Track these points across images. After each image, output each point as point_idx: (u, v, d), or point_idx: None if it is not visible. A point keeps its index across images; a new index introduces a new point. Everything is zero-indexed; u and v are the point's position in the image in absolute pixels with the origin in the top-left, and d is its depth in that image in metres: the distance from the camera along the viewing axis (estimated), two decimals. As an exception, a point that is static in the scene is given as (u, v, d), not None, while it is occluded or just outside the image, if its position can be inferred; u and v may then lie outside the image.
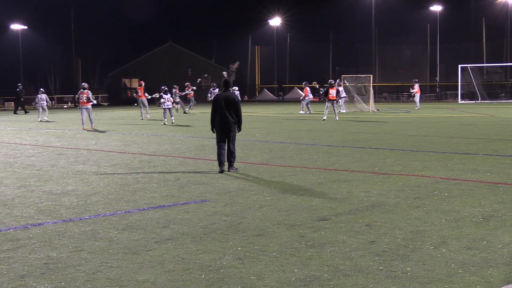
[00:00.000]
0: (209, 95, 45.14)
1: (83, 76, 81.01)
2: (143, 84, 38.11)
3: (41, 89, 39.43)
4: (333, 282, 6.21)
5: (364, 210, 9.55)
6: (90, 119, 28.85)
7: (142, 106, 37.35)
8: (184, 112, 42.88)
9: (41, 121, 35.82)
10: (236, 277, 6.39)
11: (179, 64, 79.25)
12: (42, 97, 37.37)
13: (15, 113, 48.86)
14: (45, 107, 37.62)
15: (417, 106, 46.23)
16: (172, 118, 31.90)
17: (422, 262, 6.79)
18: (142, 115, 37.31)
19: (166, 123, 31.18)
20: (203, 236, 8.08)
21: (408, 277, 6.31)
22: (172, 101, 32.39)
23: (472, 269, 6.55)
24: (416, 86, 46.59)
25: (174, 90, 42.67)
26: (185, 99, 46.38)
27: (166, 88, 32.34)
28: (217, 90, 39.85)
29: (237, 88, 40.96)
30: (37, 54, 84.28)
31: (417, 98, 46.92)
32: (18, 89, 50.41)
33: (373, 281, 6.20)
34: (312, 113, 39.25)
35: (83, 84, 29.86)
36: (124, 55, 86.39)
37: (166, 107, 31.37)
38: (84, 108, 28.91)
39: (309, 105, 40.89)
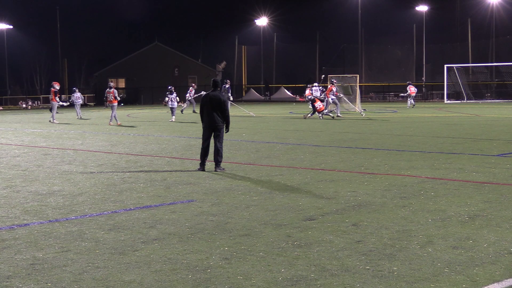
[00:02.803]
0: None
1: (69, 76, 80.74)
2: (56, 86, 35.54)
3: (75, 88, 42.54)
4: (320, 281, 6.22)
5: (351, 209, 9.57)
6: (114, 117, 31.53)
7: (52, 109, 35.27)
8: (194, 111, 42.76)
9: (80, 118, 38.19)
10: (223, 277, 6.39)
11: (165, 64, 79.12)
12: (77, 95, 39.99)
13: None
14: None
15: (408, 106, 46.73)
16: (173, 117, 34.00)
17: (409, 262, 6.82)
18: (54, 119, 35.07)
19: (173, 120, 33.57)
20: (190, 236, 8.08)
21: (395, 277, 6.33)
22: (178, 100, 34.84)
23: (458, 268, 6.58)
24: (410, 88, 47.25)
25: (190, 88, 42.88)
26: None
27: (172, 88, 34.79)
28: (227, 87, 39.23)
29: (229, 83, 40.37)
30: (23, 54, 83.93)
31: (410, 98, 47.49)
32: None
33: (359, 281, 6.22)
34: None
35: (109, 83, 33.71)
36: (111, 55, 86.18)
37: (171, 106, 33.89)
38: (112, 105, 31.75)
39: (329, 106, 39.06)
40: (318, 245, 7.55)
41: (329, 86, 34.89)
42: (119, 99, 33.30)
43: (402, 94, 48.25)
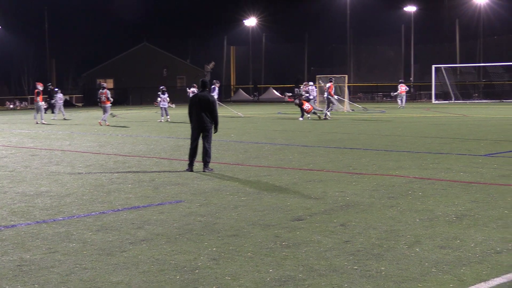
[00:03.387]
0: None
1: (57, 76, 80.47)
2: (40, 87, 34.80)
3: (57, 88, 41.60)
4: (308, 282, 6.23)
5: (339, 210, 9.59)
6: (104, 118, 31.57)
7: (37, 110, 34.79)
8: None
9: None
10: (211, 278, 6.39)
11: (154, 64, 79.04)
12: (60, 96, 39.53)
13: None
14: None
15: (400, 105, 46.88)
16: (168, 117, 34.15)
17: (396, 261, 6.84)
18: (36, 119, 34.70)
19: (162, 120, 33.74)
20: (178, 236, 8.06)
21: (383, 276, 6.35)
22: (168, 100, 34.86)
23: (445, 267, 6.61)
24: (402, 87, 47.41)
25: (192, 89, 43.03)
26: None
27: (164, 89, 35.03)
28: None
29: (218, 86, 39.75)
30: (11, 54, 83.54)
31: (400, 97, 47.58)
32: None
33: (347, 281, 6.23)
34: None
35: (102, 84, 33.98)
36: (99, 55, 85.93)
37: (162, 106, 33.95)
38: (104, 106, 31.81)
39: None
40: (306, 245, 7.55)
41: (329, 85, 34.17)
42: (112, 100, 33.25)
43: (393, 93, 48.43)
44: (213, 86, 38.71)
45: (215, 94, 37.41)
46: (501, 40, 72.29)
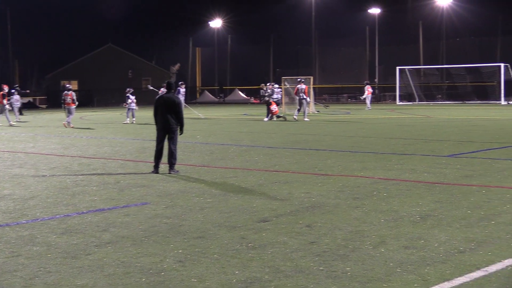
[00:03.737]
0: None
1: (21, 78, 79.47)
2: (6, 89, 34.28)
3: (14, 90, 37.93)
4: (274, 283, 6.24)
5: (305, 211, 9.63)
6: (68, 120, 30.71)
7: (1, 111, 33.87)
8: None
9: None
10: (177, 280, 6.37)
11: (119, 65, 78.47)
12: (17, 98, 37.24)
13: None
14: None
15: (368, 107, 47.50)
16: (134, 119, 33.78)
17: (362, 262, 6.89)
18: (10, 121, 34.00)
19: (128, 122, 33.55)
20: (144, 239, 8.03)
21: (348, 277, 6.39)
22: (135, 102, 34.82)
23: (409, 267, 6.67)
24: (367, 89, 48.29)
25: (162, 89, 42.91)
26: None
27: (132, 90, 35.00)
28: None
29: (183, 89, 39.40)
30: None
31: (368, 99, 48.35)
32: None
33: (313, 282, 6.26)
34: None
35: (67, 85, 33.07)
36: (63, 56, 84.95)
37: (131, 107, 33.83)
38: (69, 108, 30.93)
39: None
40: (272, 246, 7.57)
41: (305, 86, 33.83)
42: (77, 103, 32.28)
43: (362, 97, 49.21)
44: (177, 88, 38.60)
45: (181, 96, 37.37)
46: (463, 42, 73.18)
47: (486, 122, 29.72)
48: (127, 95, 34.38)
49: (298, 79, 36.02)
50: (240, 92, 75.26)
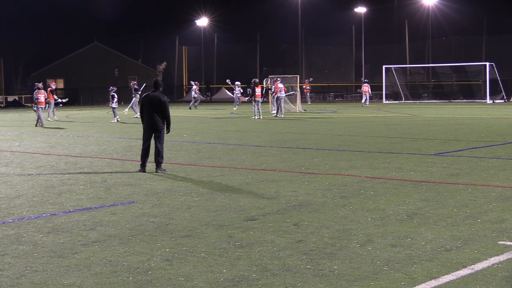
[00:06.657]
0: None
1: (5, 76, 79.04)
2: (52, 85, 35.21)
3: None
4: (262, 281, 6.25)
5: (292, 209, 9.64)
6: (39, 118, 30.42)
7: None
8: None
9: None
10: (164, 279, 6.36)
11: (105, 64, 78.22)
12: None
13: None
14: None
15: (366, 104, 48.81)
16: (117, 117, 33.36)
17: (349, 260, 6.91)
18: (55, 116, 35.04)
19: (114, 121, 33.03)
20: (131, 238, 8.01)
21: (335, 275, 6.40)
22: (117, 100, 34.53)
23: (396, 266, 6.70)
24: (364, 87, 48.95)
25: (194, 86, 43.57)
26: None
27: (116, 89, 34.55)
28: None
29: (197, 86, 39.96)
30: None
31: (367, 97, 49.37)
32: None
33: (301, 280, 6.27)
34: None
35: (37, 84, 32.06)
36: (48, 55, 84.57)
37: (114, 106, 33.56)
38: (40, 106, 30.80)
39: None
40: (260, 245, 7.58)
41: (282, 85, 35.87)
42: (56, 98, 32.40)
43: (362, 102, 49.97)
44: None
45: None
46: (449, 41, 73.52)
47: (472, 121, 29.87)
48: (112, 94, 33.91)
49: (275, 78, 37.10)
50: (227, 91, 75.20)
